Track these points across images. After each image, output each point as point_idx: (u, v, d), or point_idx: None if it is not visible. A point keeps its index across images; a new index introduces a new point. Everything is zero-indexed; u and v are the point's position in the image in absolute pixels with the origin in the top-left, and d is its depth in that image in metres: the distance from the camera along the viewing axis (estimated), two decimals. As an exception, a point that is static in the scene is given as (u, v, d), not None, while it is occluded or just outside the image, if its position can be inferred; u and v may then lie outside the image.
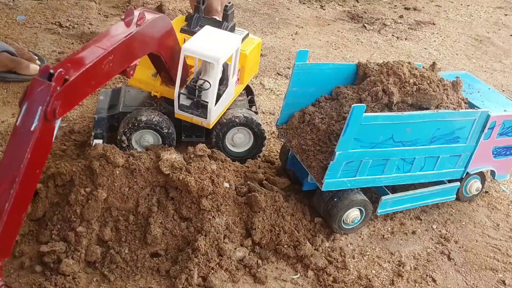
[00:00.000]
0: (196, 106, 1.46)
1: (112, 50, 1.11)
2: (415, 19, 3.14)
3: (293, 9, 3.08)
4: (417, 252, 1.44)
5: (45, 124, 0.97)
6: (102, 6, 2.69)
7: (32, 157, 0.96)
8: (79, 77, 1.02)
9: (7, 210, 0.95)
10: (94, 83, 1.10)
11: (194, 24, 1.61)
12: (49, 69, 0.96)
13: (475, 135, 1.42)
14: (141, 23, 1.20)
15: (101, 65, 1.09)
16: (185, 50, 1.38)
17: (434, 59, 2.65)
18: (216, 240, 1.28)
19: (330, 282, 1.29)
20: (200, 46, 1.39)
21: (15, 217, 0.98)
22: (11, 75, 1.90)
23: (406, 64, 1.43)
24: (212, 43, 1.41)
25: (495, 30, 3.14)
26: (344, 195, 1.39)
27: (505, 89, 2.45)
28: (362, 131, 1.26)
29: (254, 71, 1.78)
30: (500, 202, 1.68)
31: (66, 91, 1.00)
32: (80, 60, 1.05)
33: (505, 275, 1.41)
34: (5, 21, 2.35)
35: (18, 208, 0.98)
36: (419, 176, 1.44)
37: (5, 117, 1.73)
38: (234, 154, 1.63)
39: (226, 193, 1.36)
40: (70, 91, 1.01)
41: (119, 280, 1.20)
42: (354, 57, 2.57)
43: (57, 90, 0.97)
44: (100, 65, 1.09)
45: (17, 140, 0.96)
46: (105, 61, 1.09)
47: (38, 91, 0.95)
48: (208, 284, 1.21)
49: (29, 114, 0.95)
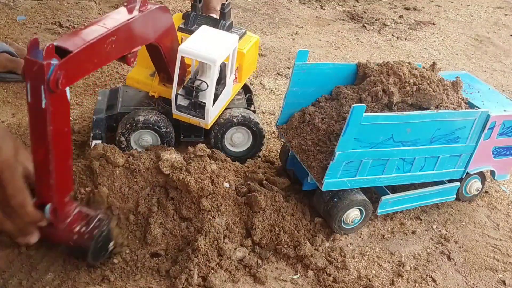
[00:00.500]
0: (193, 106, 1.46)
1: (115, 31, 1.12)
2: (415, 19, 3.14)
3: (293, 9, 3.08)
4: (417, 252, 1.44)
5: (54, 95, 0.98)
6: (102, 6, 2.69)
7: (54, 126, 1.01)
8: (82, 51, 1.03)
9: (53, 170, 1.06)
10: (96, 61, 1.11)
11: (191, 23, 1.61)
12: (38, 45, 0.96)
13: (475, 135, 1.42)
14: (143, 9, 1.21)
15: (104, 43, 1.10)
16: (181, 51, 1.38)
17: (434, 59, 2.65)
18: (216, 240, 1.28)
19: (330, 282, 1.29)
20: (196, 47, 1.39)
21: (62, 168, 1.09)
22: (11, 75, 1.90)
23: (406, 64, 1.43)
24: (208, 44, 1.41)
25: (495, 30, 3.14)
26: (344, 195, 1.39)
27: (505, 89, 2.45)
28: (362, 131, 1.26)
29: (252, 69, 1.78)
30: (500, 202, 1.68)
31: (69, 63, 1.00)
32: (83, 36, 1.06)
33: (505, 275, 1.41)
34: (5, 21, 2.35)
35: (62, 161, 1.08)
36: (419, 176, 1.44)
37: (5, 117, 1.73)
38: (233, 154, 1.63)
39: (226, 193, 1.36)
40: (73, 64, 1.01)
41: (119, 280, 1.20)
42: (354, 57, 2.57)
43: (52, 64, 0.96)
44: (103, 44, 1.09)
45: (35, 117, 1.01)
46: (107, 40, 1.10)
47: (33, 71, 0.95)
48: (208, 284, 1.21)
49: (35, 93, 0.98)
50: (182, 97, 1.46)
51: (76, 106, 1.83)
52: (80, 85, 1.96)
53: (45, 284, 1.17)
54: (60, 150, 1.05)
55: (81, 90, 1.93)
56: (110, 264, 1.23)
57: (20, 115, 1.75)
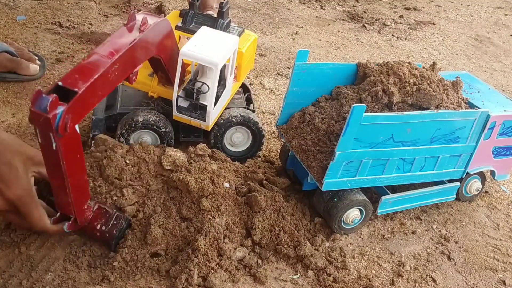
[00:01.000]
0: (194, 108, 1.46)
1: (118, 59, 1.10)
2: (415, 19, 3.14)
3: (293, 9, 3.08)
4: (417, 252, 1.44)
5: (63, 138, 1.00)
6: (102, 6, 2.69)
7: (67, 160, 1.05)
8: (87, 89, 1.02)
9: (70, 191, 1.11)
10: (101, 93, 1.10)
11: (189, 21, 1.60)
12: (42, 95, 0.96)
13: (475, 135, 1.42)
14: (144, 28, 1.20)
15: (107, 74, 1.09)
16: (183, 55, 1.38)
17: (434, 59, 2.65)
18: (216, 240, 1.28)
19: (330, 282, 1.29)
20: (198, 50, 1.39)
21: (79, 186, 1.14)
22: (11, 75, 1.90)
23: (406, 64, 1.43)
24: (209, 47, 1.40)
25: (495, 30, 3.14)
26: (344, 195, 1.39)
27: (505, 89, 2.45)
28: (362, 131, 1.26)
29: (250, 67, 1.78)
30: (500, 202, 1.68)
31: (76, 105, 1.00)
32: (87, 71, 1.05)
33: (505, 275, 1.41)
34: (5, 21, 2.35)
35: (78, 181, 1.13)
36: (419, 176, 1.44)
37: (5, 117, 1.73)
38: (233, 154, 1.63)
39: (226, 193, 1.36)
40: (79, 104, 1.01)
41: (119, 280, 1.20)
42: (354, 57, 2.57)
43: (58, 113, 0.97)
44: (107, 75, 1.09)
45: (47, 155, 1.04)
46: (110, 70, 1.09)
47: (40, 122, 0.97)
48: (208, 284, 1.21)
49: (45, 137, 1.00)
50: (182, 99, 1.46)
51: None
52: (80, 85, 1.95)
53: (45, 284, 1.17)
54: (75, 175, 1.10)
55: (81, 90, 1.93)
56: (110, 264, 1.23)
57: (20, 115, 1.75)
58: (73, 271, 1.20)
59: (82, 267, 1.22)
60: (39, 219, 1.14)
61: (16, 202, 1.11)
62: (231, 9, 2.93)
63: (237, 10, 2.92)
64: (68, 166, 1.05)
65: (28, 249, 1.24)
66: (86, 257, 1.24)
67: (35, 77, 1.94)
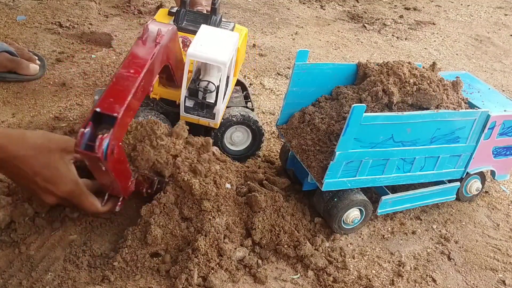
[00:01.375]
0: (201, 107, 1.46)
1: (144, 76, 1.12)
2: (415, 19, 3.14)
3: (293, 9, 3.08)
4: (417, 252, 1.44)
5: (110, 160, 1.04)
6: (102, 6, 2.69)
7: (116, 172, 1.12)
8: (125, 111, 1.05)
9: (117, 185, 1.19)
10: (132, 113, 1.13)
11: (181, 20, 1.60)
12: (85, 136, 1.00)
13: (475, 135, 1.42)
14: (159, 40, 1.21)
15: (137, 92, 1.11)
16: (190, 55, 1.38)
17: (434, 59, 2.65)
18: (216, 240, 1.28)
19: (330, 282, 1.29)
20: (204, 50, 1.39)
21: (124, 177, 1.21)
22: (11, 75, 1.90)
23: (406, 64, 1.43)
24: (215, 45, 1.41)
25: (495, 30, 3.14)
26: (344, 195, 1.39)
27: (505, 89, 2.45)
28: (362, 131, 1.26)
29: (242, 60, 1.79)
30: (500, 202, 1.68)
31: (117, 129, 1.03)
32: (120, 93, 1.07)
33: (505, 275, 1.41)
34: (5, 21, 2.35)
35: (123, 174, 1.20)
36: (419, 176, 1.44)
37: (5, 117, 1.73)
38: (233, 153, 1.63)
39: (226, 193, 1.36)
40: (120, 127, 1.04)
41: (119, 280, 1.20)
42: (354, 57, 2.57)
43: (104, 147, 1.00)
44: (137, 93, 1.11)
45: (97, 172, 1.11)
46: (139, 87, 1.11)
47: (90, 158, 1.02)
48: (208, 284, 1.21)
49: (94, 166, 1.08)
50: (187, 99, 1.46)
51: (76, 106, 1.83)
52: (80, 85, 1.96)
53: (45, 284, 1.17)
54: (122, 176, 1.18)
55: (81, 90, 1.93)
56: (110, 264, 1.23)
57: (20, 115, 1.75)
58: (73, 271, 1.20)
59: (82, 267, 1.22)
60: (90, 206, 1.22)
61: (67, 197, 1.18)
62: (231, 9, 2.93)
63: (237, 10, 2.92)
64: (117, 175, 1.12)
65: (28, 249, 1.24)
66: (86, 257, 1.24)
67: (35, 77, 1.94)
